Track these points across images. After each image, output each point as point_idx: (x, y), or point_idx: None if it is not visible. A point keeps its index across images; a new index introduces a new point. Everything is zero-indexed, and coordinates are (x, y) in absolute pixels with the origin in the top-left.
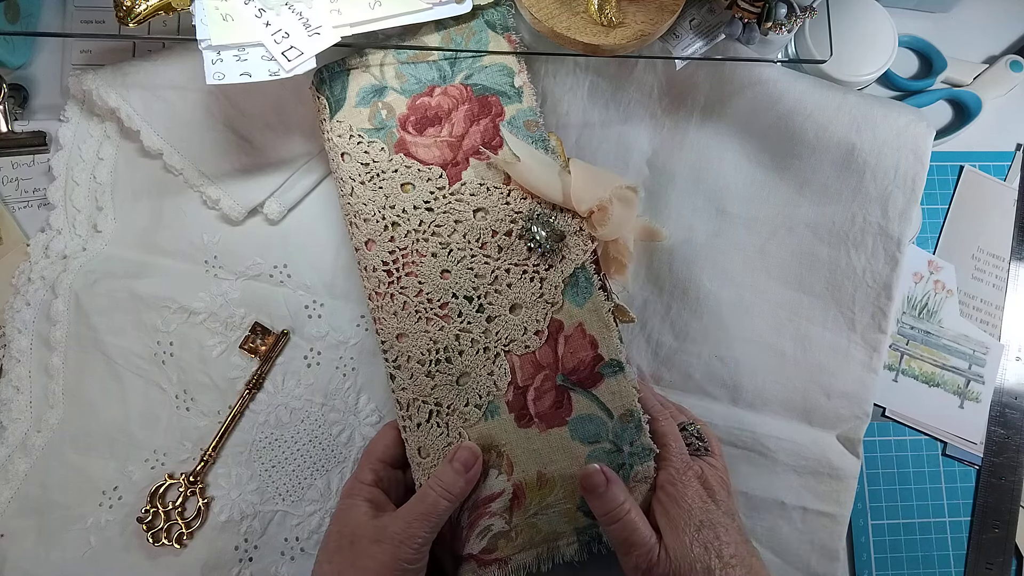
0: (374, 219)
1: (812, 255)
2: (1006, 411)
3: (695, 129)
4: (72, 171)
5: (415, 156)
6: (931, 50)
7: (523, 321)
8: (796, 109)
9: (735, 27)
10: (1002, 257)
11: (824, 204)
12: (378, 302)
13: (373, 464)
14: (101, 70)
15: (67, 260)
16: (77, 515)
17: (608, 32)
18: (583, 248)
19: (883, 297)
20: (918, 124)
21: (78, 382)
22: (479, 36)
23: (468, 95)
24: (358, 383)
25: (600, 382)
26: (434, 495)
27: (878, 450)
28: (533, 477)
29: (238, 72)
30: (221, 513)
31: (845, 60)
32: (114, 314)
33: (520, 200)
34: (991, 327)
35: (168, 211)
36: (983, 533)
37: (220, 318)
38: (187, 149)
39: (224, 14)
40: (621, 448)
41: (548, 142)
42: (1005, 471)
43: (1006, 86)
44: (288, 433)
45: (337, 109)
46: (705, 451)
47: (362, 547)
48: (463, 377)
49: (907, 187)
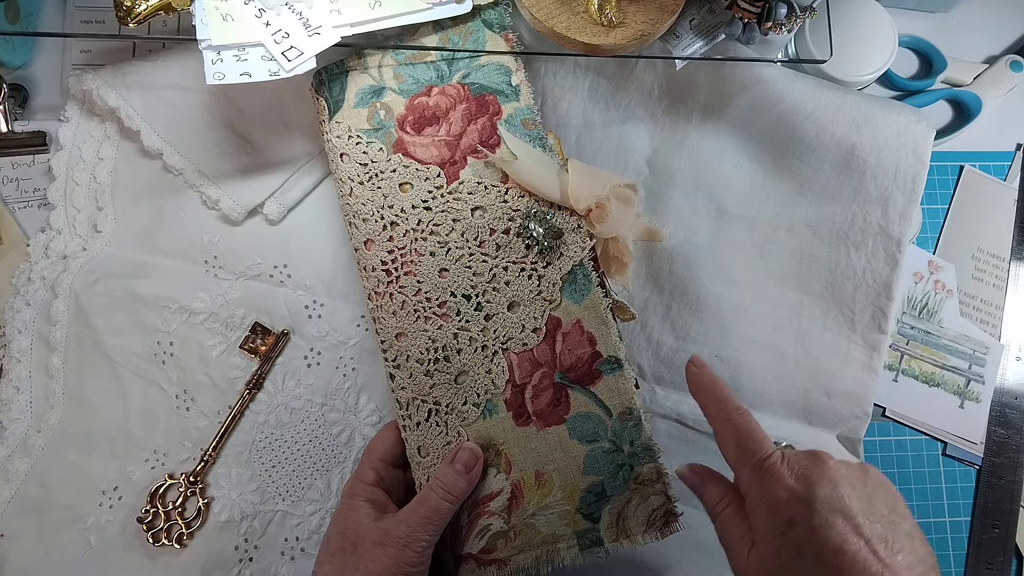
0: (373, 219)
1: (812, 255)
2: (1006, 411)
3: (695, 129)
4: (72, 171)
5: (413, 156)
6: (931, 50)
7: (521, 319)
8: (796, 109)
9: (735, 27)
10: (1002, 257)
11: (824, 204)
12: (377, 302)
13: (374, 463)
14: (101, 70)
15: (67, 260)
16: (77, 515)
17: (608, 32)
18: (581, 245)
19: (883, 297)
20: (918, 124)
21: (78, 382)
22: (477, 36)
23: (465, 94)
24: (358, 383)
25: (598, 379)
26: (436, 497)
27: (878, 450)
28: (531, 476)
29: (238, 72)
30: (221, 513)
31: (845, 60)
32: (114, 314)
33: (518, 198)
34: (991, 327)
35: (168, 211)
36: (983, 533)
37: (220, 318)
38: (187, 149)
39: (224, 14)
40: (621, 447)
41: (546, 140)
42: (1005, 471)
43: (1006, 86)
44: (288, 433)
45: (336, 110)
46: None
47: (365, 549)
48: (461, 376)
49: (907, 187)
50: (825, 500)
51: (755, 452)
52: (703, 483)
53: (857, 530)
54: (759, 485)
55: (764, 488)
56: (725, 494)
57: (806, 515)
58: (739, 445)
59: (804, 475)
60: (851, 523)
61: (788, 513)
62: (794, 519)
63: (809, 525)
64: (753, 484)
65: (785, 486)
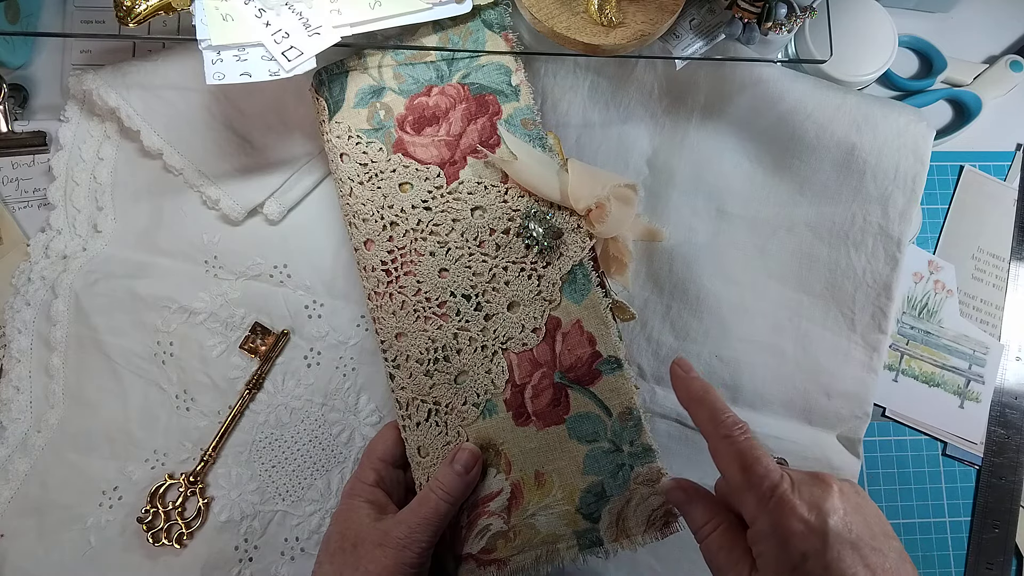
0: (373, 219)
1: (812, 255)
2: (1006, 411)
3: (695, 129)
4: (72, 171)
5: (413, 156)
6: (931, 50)
7: (521, 319)
8: (796, 109)
9: (735, 27)
10: (1002, 257)
11: (824, 204)
12: (377, 302)
13: (374, 464)
14: (101, 70)
15: (67, 260)
16: (77, 515)
17: (608, 32)
18: (581, 245)
19: (883, 297)
20: (918, 124)
21: (78, 382)
22: (476, 35)
23: (465, 94)
24: (358, 383)
25: (598, 379)
26: (435, 498)
27: (878, 450)
28: (531, 476)
29: (238, 72)
30: (221, 513)
31: (845, 60)
32: (114, 314)
33: (518, 198)
34: (991, 327)
35: (168, 211)
36: (983, 533)
37: (220, 318)
38: (187, 149)
39: (224, 14)
40: (620, 448)
41: (546, 140)
42: (1005, 471)
43: (1006, 86)
44: (288, 433)
45: (336, 110)
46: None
47: (365, 550)
48: (461, 376)
49: (907, 187)
50: (836, 532)
51: (763, 478)
52: (689, 501)
53: (865, 561)
54: (769, 516)
55: (775, 519)
56: (712, 515)
57: (820, 549)
58: (745, 470)
59: (816, 505)
60: (859, 554)
61: (803, 547)
62: (808, 552)
63: (823, 560)
64: (761, 514)
65: (799, 517)
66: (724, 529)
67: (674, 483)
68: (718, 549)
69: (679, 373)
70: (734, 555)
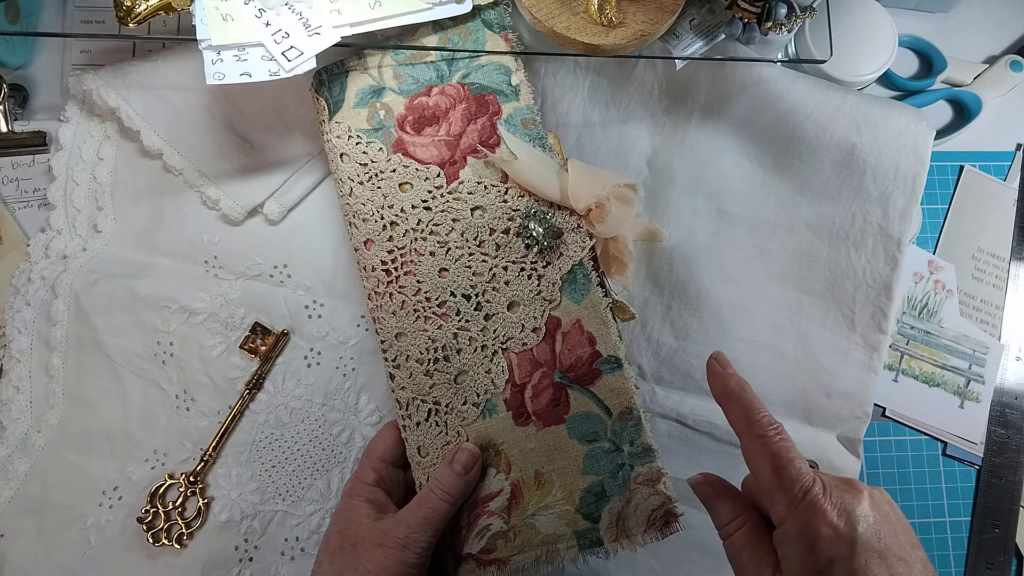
0: (373, 219)
1: (812, 255)
2: (1006, 411)
3: (695, 129)
4: (72, 171)
5: (413, 156)
6: (931, 50)
7: (521, 319)
8: (796, 109)
9: (735, 27)
10: (1002, 257)
11: (824, 204)
12: (377, 301)
13: (374, 463)
14: (101, 70)
15: (67, 260)
16: (77, 515)
17: (608, 32)
18: (581, 245)
19: (883, 297)
20: (918, 124)
21: (78, 382)
22: (476, 35)
23: (465, 94)
24: (358, 383)
25: (598, 379)
26: (435, 498)
27: (878, 450)
28: (531, 476)
29: (238, 72)
30: (221, 513)
31: (845, 60)
32: (114, 314)
33: (517, 198)
34: (991, 327)
35: (168, 211)
36: (983, 533)
37: (220, 318)
38: (187, 149)
39: (224, 14)
40: (620, 447)
41: (546, 140)
42: (1005, 471)
43: (1006, 86)
44: (288, 433)
45: (336, 110)
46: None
47: (365, 550)
48: (461, 375)
49: (907, 187)
50: (865, 540)
51: (795, 481)
52: (716, 496)
53: (891, 570)
54: (798, 519)
55: (804, 522)
56: (739, 513)
57: (848, 555)
58: (777, 471)
59: (846, 511)
60: (886, 563)
61: (830, 552)
62: (835, 558)
63: (850, 566)
64: (790, 516)
65: (829, 522)
66: (749, 528)
67: (702, 477)
68: (742, 547)
69: (716, 368)
70: (757, 555)
